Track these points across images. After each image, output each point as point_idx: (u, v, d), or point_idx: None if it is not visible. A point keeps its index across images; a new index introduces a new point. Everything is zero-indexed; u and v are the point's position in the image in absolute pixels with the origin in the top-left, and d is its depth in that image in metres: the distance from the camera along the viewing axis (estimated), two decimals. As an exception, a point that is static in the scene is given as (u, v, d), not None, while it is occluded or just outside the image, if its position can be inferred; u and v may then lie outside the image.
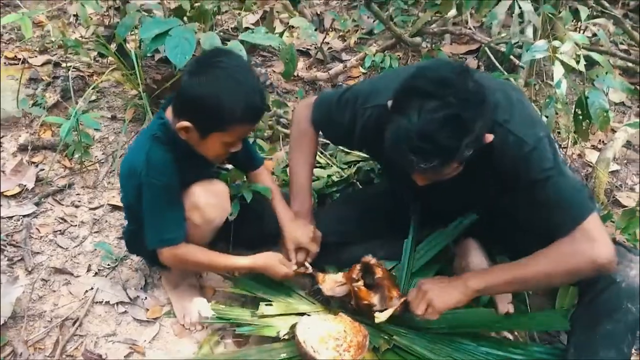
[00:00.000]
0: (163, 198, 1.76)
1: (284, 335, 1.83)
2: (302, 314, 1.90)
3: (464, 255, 2.08)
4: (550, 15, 1.83)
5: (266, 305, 1.91)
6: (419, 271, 2.04)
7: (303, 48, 3.40)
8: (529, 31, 1.87)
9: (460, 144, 1.44)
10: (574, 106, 2.21)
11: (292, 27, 3.05)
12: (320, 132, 2.09)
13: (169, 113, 1.78)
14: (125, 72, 2.70)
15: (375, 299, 1.85)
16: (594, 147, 2.71)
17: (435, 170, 1.51)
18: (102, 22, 3.18)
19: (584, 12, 1.88)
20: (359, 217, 2.12)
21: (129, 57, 2.68)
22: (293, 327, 1.83)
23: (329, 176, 2.45)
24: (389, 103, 1.55)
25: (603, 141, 2.67)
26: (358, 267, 1.91)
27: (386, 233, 2.13)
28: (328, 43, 3.43)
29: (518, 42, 2.04)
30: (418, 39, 2.66)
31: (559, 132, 2.54)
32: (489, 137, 1.54)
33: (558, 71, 1.77)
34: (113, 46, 2.75)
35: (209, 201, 1.84)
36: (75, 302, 2.02)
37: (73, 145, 2.41)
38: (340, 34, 3.50)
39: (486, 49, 2.67)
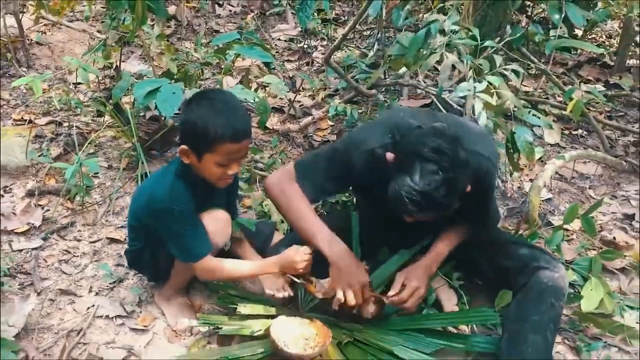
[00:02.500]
0: (185, 221, 2.08)
1: (257, 332, 2.14)
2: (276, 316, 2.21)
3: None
4: (472, 62, 2.26)
5: (243, 306, 2.23)
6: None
7: (277, 105, 3.83)
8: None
9: (452, 200, 1.84)
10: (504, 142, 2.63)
11: (266, 86, 3.47)
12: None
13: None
14: (120, 127, 3.10)
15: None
16: (530, 180, 3.12)
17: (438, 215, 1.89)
18: (99, 88, 3.61)
19: (497, 60, 2.32)
20: None
21: (124, 114, 3.09)
22: (268, 328, 2.14)
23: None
24: (388, 156, 1.94)
25: (537, 174, 3.07)
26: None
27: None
28: (299, 101, 3.87)
29: (448, 87, 2.47)
30: (374, 91, 3.10)
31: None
32: (468, 187, 1.92)
33: (478, 106, 2.18)
34: (109, 106, 3.16)
35: (214, 227, 2.16)
36: (79, 317, 2.32)
37: (75, 189, 2.77)
38: (310, 93, 3.94)
39: (436, 100, 3.10)
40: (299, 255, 2.11)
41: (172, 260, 2.25)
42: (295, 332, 2.12)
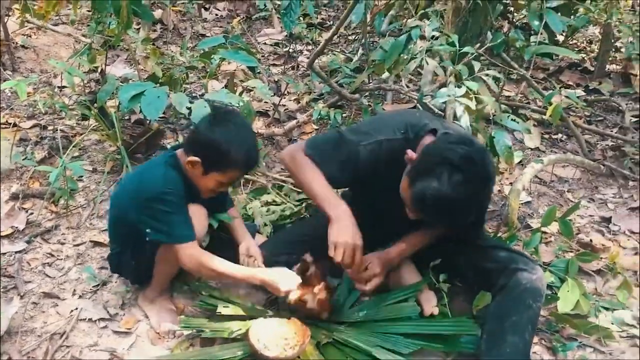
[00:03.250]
0: (176, 206, 2.13)
1: (236, 333, 2.17)
2: (253, 317, 2.24)
3: (398, 270, 2.45)
4: (452, 68, 2.31)
5: (224, 307, 2.25)
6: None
7: (262, 109, 3.87)
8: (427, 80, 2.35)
9: (471, 215, 1.89)
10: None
11: (250, 90, 3.50)
12: None
13: (179, 153, 2.22)
14: (105, 131, 3.12)
15: (308, 297, 2.19)
16: (510, 183, 3.17)
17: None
18: (84, 91, 3.63)
19: (476, 66, 2.37)
20: (308, 240, 2.41)
21: (109, 118, 3.11)
22: (248, 330, 2.17)
23: (282, 211, 2.85)
24: (410, 153, 1.99)
25: (516, 177, 3.12)
26: (297, 265, 2.22)
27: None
28: (284, 105, 3.90)
29: (428, 91, 2.52)
30: (357, 96, 3.14)
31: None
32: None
33: (459, 109, 2.22)
34: (94, 110, 3.17)
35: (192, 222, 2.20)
36: (62, 320, 2.33)
37: (59, 192, 2.79)
38: (295, 97, 3.98)
39: (419, 105, 3.14)
40: (286, 284, 2.15)
41: (154, 260, 2.28)
42: (274, 333, 2.15)
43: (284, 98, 3.92)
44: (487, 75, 2.33)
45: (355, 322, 2.25)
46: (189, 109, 2.65)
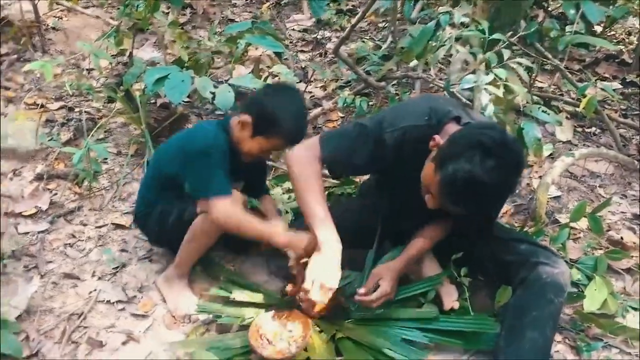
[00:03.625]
0: (218, 163, 2.16)
1: (248, 321, 2.14)
2: (269, 305, 2.22)
3: (421, 263, 2.40)
4: (481, 56, 2.23)
5: (239, 293, 2.24)
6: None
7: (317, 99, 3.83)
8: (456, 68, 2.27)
9: (502, 201, 1.84)
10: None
11: (276, 76, 3.46)
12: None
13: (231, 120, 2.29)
14: (130, 114, 3.12)
15: None
16: (539, 177, 3.08)
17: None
18: (111, 74, 3.63)
19: (506, 54, 2.29)
20: None
21: (134, 101, 3.10)
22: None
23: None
24: (436, 138, 1.94)
25: (546, 171, 3.03)
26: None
27: (351, 245, 2.46)
28: (311, 92, 3.85)
29: (456, 79, 2.44)
30: (383, 84, 3.08)
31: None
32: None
33: (484, 97, 2.15)
34: (120, 93, 3.17)
35: None
36: (81, 301, 2.34)
37: (83, 174, 2.80)
38: (321, 84, 3.93)
39: (446, 93, 3.07)
40: (311, 245, 2.08)
41: (181, 229, 2.28)
42: (278, 326, 2.12)
43: (311, 85, 3.87)
44: (518, 64, 2.24)
45: (371, 318, 2.20)
46: (213, 93, 2.64)
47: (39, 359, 2.10)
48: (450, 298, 2.31)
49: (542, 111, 2.61)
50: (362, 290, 2.18)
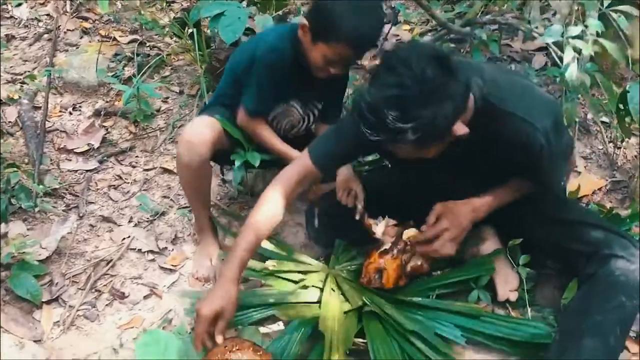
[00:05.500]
0: (264, 80, 2.03)
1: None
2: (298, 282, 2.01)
3: (481, 242, 2.07)
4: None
5: (272, 263, 2.03)
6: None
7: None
8: (557, 17, 1.85)
9: (402, 128, 1.45)
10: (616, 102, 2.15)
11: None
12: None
13: None
14: (195, 53, 2.94)
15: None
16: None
17: (402, 147, 1.56)
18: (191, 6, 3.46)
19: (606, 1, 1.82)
20: (385, 194, 2.14)
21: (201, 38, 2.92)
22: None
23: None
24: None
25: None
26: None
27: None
28: (398, 35, 3.48)
29: (536, 26, 2.00)
30: (467, 29, 2.65)
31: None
32: (459, 129, 1.55)
33: (568, 55, 1.73)
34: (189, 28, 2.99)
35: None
36: (113, 247, 2.26)
37: (135, 113, 2.69)
38: (410, 27, 3.53)
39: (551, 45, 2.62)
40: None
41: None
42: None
43: (399, 28, 3.50)
44: (617, 12, 1.78)
45: (408, 302, 1.92)
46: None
47: (58, 305, 2.04)
48: (507, 287, 1.98)
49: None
50: (423, 228, 1.90)
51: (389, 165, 2.32)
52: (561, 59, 2.42)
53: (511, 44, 3.21)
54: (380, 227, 2.03)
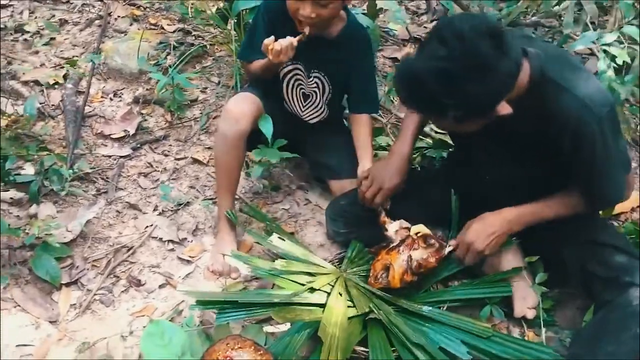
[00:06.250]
0: (255, 28, 2.17)
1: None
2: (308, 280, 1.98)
3: (500, 254, 2.00)
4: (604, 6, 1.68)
5: (281, 264, 2.01)
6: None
7: (418, 35, 3.41)
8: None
9: (443, 101, 1.44)
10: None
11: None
12: None
13: None
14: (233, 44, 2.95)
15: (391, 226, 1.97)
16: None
17: (435, 119, 1.66)
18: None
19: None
20: (409, 195, 2.11)
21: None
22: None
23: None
24: None
25: None
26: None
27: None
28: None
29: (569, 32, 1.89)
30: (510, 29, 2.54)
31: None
32: (503, 109, 1.52)
33: (601, 64, 1.63)
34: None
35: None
36: (136, 234, 2.30)
37: (169, 102, 2.73)
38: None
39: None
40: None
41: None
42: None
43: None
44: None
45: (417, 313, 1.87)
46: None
47: (77, 288, 2.10)
48: (525, 304, 1.91)
49: None
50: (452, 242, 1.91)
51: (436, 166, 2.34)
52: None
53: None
54: (393, 226, 1.99)
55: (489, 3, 3.11)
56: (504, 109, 1.52)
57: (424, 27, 3.48)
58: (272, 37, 1.94)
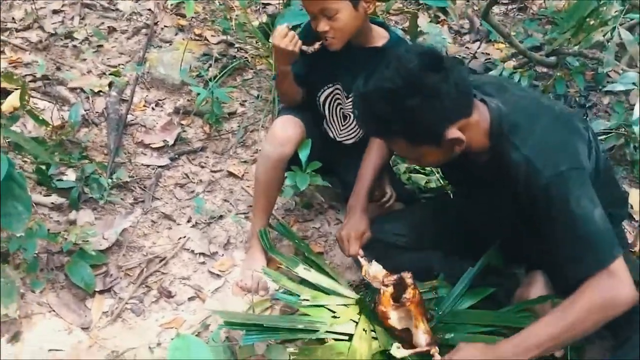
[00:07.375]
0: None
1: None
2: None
3: (528, 285, 1.98)
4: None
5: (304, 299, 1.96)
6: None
7: (460, 55, 3.39)
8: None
9: (387, 118, 1.53)
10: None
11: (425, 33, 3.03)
12: None
13: None
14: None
15: (393, 313, 1.84)
16: None
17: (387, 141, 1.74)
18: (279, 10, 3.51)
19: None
20: (427, 230, 2.11)
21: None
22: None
23: (425, 183, 2.48)
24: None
25: None
26: (395, 276, 1.90)
27: (447, 247, 2.12)
28: (488, 53, 3.37)
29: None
30: (552, 59, 2.50)
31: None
32: (453, 134, 1.56)
33: (637, 108, 1.60)
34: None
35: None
36: (169, 245, 2.35)
37: (208, 115, 2.78)
38: (504, 46, 3.40)
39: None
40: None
41: None
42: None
43: (490, 45, 3.38)
44: None
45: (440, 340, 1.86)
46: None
47: (110, 296, 2.16)
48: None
49: None
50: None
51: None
52: None
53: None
54: (372, 268, 1.96)
55: (532, 25, 3.09)
56: (454, 133, 1.55)
57: (466, 47, 3.46)
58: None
